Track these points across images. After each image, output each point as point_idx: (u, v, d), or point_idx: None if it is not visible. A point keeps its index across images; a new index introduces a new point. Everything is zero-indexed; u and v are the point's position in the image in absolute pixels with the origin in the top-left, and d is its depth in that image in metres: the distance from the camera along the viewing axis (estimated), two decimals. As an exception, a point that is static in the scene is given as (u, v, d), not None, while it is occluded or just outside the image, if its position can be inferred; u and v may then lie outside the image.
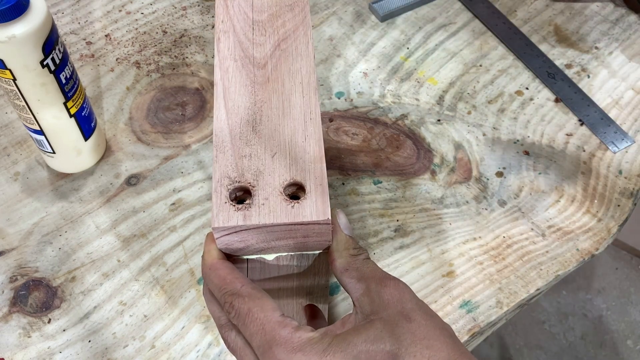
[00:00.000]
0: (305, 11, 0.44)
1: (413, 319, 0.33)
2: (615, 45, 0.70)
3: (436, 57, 0.68)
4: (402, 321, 0.32)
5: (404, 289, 0.34)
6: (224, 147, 0.37)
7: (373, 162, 0.59)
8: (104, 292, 0.51)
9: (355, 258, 0.36)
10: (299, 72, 0.40)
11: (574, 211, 0.57)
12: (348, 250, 0.37)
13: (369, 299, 0.34)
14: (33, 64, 0.46)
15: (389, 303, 0.33)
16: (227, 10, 0.44)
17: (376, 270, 0.36)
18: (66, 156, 0.56)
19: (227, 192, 0.35)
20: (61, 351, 0.48)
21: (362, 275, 0.35)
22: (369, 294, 0.34)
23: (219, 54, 0.41)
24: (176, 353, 0.48)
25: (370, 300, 0.34)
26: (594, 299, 1.44)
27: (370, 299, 0.34)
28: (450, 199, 0.57)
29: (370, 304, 0.34)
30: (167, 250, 0.53)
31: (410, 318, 0.33)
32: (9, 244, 0.54)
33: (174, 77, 0.65)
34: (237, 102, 0.39)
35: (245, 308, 0.33)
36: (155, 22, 0.70)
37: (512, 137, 0.62)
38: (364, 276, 0.35)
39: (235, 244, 0.35)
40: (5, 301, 0.50)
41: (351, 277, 0.36)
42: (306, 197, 0.35)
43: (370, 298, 0.34)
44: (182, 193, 0.57)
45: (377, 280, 0.35)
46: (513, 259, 0.54)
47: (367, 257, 0.37)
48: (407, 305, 0.33)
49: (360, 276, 0.35)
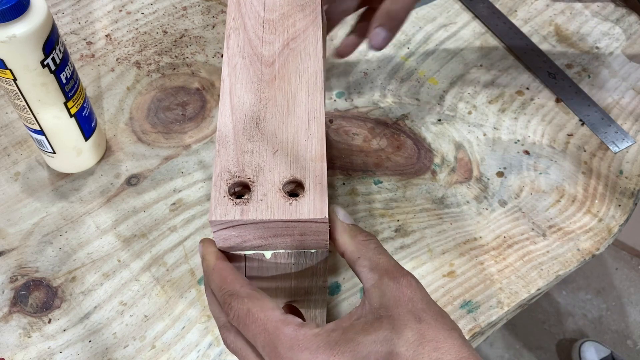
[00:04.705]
0: (316, 12, 0.44)
1: (423, 320, 0.32)
2: (615, 45, 0.70)
3: (437, 57, 0.68)
4: (412, 321, 0.32)
5: (416, 287, 0.34)
6: (226, 142, 0.37)
7: (373, 162, 0.59)
8: (104, 292, 0.51)
9: (365, 245, 0.36)
10: (305, 71, 0.41)
11: (574, 211, 0.57)
12: (356, 237, 0.36)
13: (379, 292, 0.34)
14: (33, 64, 0.46)
15: (400, 300, 0.33)
16: (239, 8, 0.44)
17: (389, 261, 0.35)
18: (66, 156, 0.56)
19: (226, 187, 0.35)
20: (61, 351, 0.48)
21: (375, 265, 0.35)
22: (381, 286, 0.34)
23: (228, 50, 0.42)
24: (176, 353, 0.48)
25: (381, 293, 0.33)
26: (594, 299, 1.44)
27: (381, 292, 0.34)
28: (451, 199, 0.57)
29: (381, 298, 0.33)
30: (168, 250, 0.53)
31: (420, 318, 0.32)
32: (9, 244, 0.53)
33: (175, 77, 0.65)
34: (242, 99, 0.39)
35: (244, 309, 0.33)
36: (155, 22, 0.70)
37: (513, 137, 0.62)
38: (376, 267, 0.35)
39: (232, 238, 0.35)
40: (6, 301, 0.50)
41: (363, 266, 0.35)
42: (304, 195, 0.35)
43: (382, 291, 0.34)
44: (182, 193, 0.57)
45: (390, 274, 0.34)
46: (514, 259, 0.54)
47: (377, 244, 0.36)
48: (418, 304, 0.33)
49: (372, 266, 0.35)
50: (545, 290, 0.54)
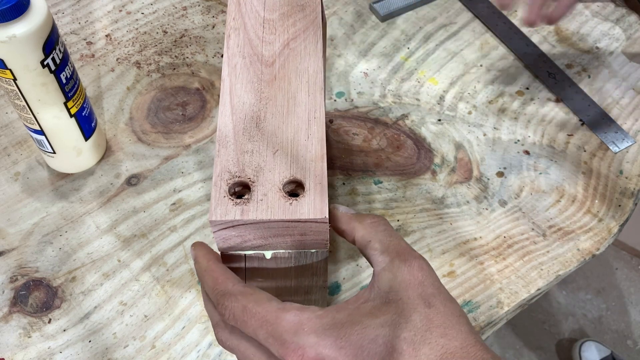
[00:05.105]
0: (316, 12, 0.44)
1: (432, 305, 0.32)
2: (615, 45, 0.70)
3: (437, 57, 0.68)
4: (421, 306, 0.32)
5: (427, 271, 0.33)
6: (226, 142, 0.37)
7: (374, 162, 0.59)
8: (104, 292, 0.51)
9: (375, 227, 0.35)
10: (306, 71, 0.41)
11: (574, 211, 0.57)
12: (364, 221, 0.36)
13: (390, 275, 0.33)
14: (33, 64, 0.46)
15: (410, 284, 0.32)
16: (239, 8, 0.44)
17: (400, 243, 0.35)
18: (66, 156, 0.56)
19: (226, 187, 0.35)
20: (61, 351, 0.48)
21: (386, 248, 0.34)
22: (392, 269, 0.33)
23: (228, 50, 0.42)
24: (176, 353, 0.48)
25: (392, 276, 0.33)
26: (594, 299, 1.44)
27: (392, 275, 0.33)
28: (451, 199, 0.57)
29: (391, 281, 0.33)
30: (168, 250, 0.53)
31: (429, 303, 0.32)
32: (9, 244, 0.53)
33: (175, 77, 0.65)
34: (242, 99, 0.39)
35: (239, 306, 0.33)
36: (155, 22, 0.70)
37: (513, 137, 0.62)
38: (387, 249, 0.34)
39: (232, 238, 0.36)
40: (6, 301, 0.50)
41: (374, 249, 0.35)
42: (305, 195, 0.35)
43: (392, 274, 0.33)
44: (182, 193, 0.57)
45: (401, 257, 0.34)
46: (514, 259, 0.54)
47: (386, 225, 0.36)
48: (428, 289, 0.32)
49: (383, 249, 0.34)
50: (545, 290, 0.54)
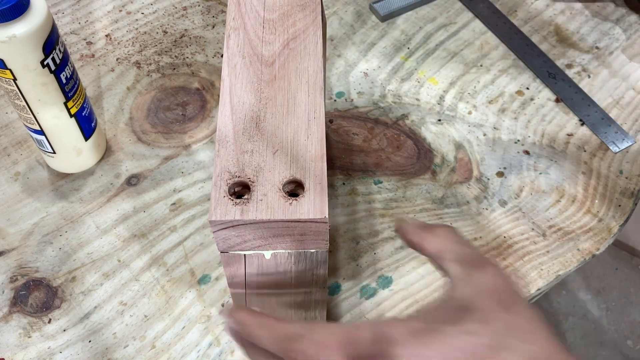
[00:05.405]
0: (316, 12, 0.44)
1: (511, 310, 0.31)
2: (615, 45, 0.70)
3: (437, 57, 0.68)
4: (501, 312, 0.31)
5: (502, 277, 0.33)
6: (226, 142, 0.37)
7: (374, 162, 0.59)
8: (104, 292, 0.51)
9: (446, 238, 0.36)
10: (305, 71, 0.41)
11: (574, 211, 0.57)
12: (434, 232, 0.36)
13: (466, 284, 0.33)
14: (33, 64, 0.46)
15: (487, 291, 0.32)
16: (239, 8, 0.44)
17: (472, 252, 0.35)
18: (66, 156, 0.56)
19: (226, 187, 0.35)
20: (61, 351, 0.48)
21: (460, 257, 0.35)
22: (467, 278, 0.33)
23: (228, 50, 0.42)
24: (176, 353, 0.48)
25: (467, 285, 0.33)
26: (594, 299, 1.44)
27: (467, 283, 0.33)
28: (451, 199, 0.57)
29: (467, 289, 0.33)
30: (168, 250, 0.53)
31: (508, 309, 0.31)
32: (9, 244, 0.53)
33: (175, 77, 0.65)
34: (242, 99, 0.39)
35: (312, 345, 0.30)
36: (155, 22, 0.70)
37: (513, 137, 0.62)
38: (461, 258, 0.34)
39: (232, 238, 0.35)
40: (6, 301, 0.50)
41: (449, 259, 0.35)
42: (304, 195, 0.35)
43: (468, 282, 0.33)
44: (182, 193, 0.57)
45: (475, 265, 0.34)
46: (514, 259, 0.54)
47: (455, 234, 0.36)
48: (506, 295, 0.32)
49: (457, 258, 0.35)
50: (545, 290, 0.54)
